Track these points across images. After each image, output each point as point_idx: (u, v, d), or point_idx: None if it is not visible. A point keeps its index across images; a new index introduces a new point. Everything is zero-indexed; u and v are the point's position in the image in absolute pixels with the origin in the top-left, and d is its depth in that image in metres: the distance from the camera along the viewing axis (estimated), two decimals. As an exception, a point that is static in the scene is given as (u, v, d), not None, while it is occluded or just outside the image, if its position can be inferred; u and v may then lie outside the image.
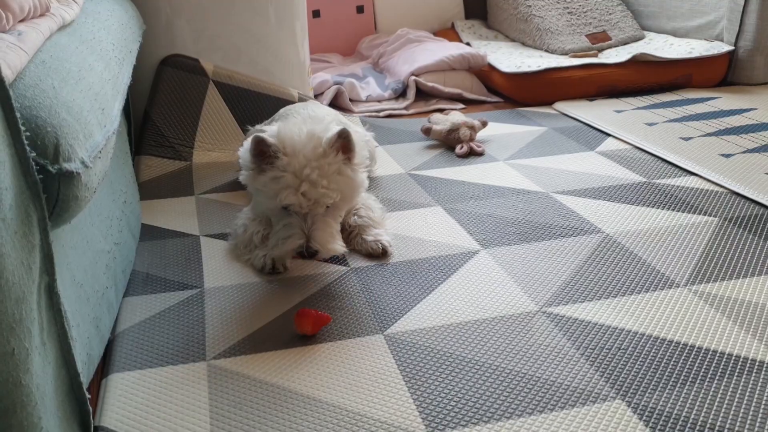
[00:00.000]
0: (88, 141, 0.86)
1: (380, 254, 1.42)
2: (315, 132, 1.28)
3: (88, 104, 0.92)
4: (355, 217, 1.47)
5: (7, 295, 0.66)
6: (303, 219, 1.27)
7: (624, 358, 1.08)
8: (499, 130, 2.25)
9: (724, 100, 2.49)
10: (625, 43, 2.94)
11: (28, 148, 0.72)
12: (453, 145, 2.08)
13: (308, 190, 1.24)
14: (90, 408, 0.90)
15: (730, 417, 0.95)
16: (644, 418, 0.95)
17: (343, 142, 1.28)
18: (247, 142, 1.30)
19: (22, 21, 0.98)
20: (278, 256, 1.33)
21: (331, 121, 1.38)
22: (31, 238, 0.73)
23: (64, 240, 0.94)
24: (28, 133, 0.74)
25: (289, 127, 1.30)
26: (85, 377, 0.97)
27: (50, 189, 0.77)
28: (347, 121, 1.79)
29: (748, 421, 0.94)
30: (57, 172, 0.76)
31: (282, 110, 1.72)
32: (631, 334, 1.15)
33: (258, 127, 1.81)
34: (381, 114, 2.51)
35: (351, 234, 1.45)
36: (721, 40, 2.74)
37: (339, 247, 1.30)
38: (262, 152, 1.26)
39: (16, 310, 0.68)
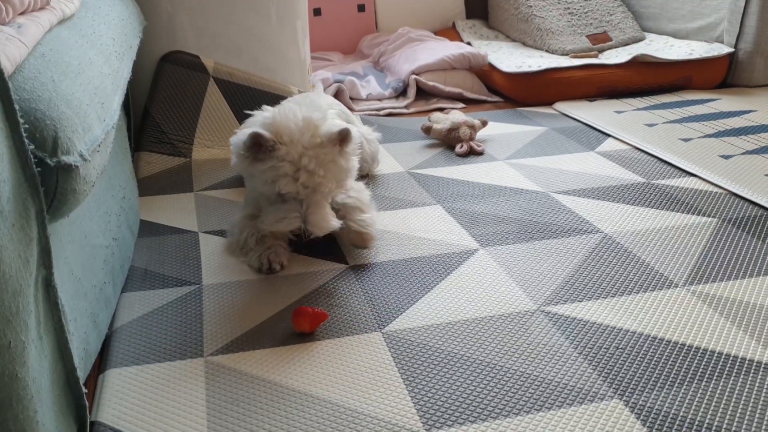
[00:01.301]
0: (87, 134, 0.85)
1: (363, 245, 1.42)
2: (312, 120, 1.28)
3: (88, 98, 0.92)
4: (344, 195, 1.43)
5: (3, 288, 0.65)
6: (299, 203, 1.28)
7: (622, 358, 1.08)
8: (499, 130, 2.25)
9: (723, 102, 2.49)
10: (625, 44, 2.94)
11: (26, 141, 0.72)
12: (453, 144, 2.08)
13: (306, 179, 1.25)
14: (86, 403, 0.90)
15: (728, 417, 0.95)
16: (642, 417, 0.95)
17: (341, 138, 1.28)
18: (243, 132, 1.30)
19: (22, 14, 0.98)
20: (273, 232, 1.34)
21: (328, 108, 1.38)
22: (28, 230, 0.73)
23: (62, 234, 0.94)
24: (26, 126, 0.73)
25: (285, 114, 1.29)
26: (82, 372, 0.97)
27: (48, 182, 0.76)
28: (351, 114, 1.77)
29: (745, 421, 0.94)
30: (55, 165, 0.76)
31: (283, 103, 1.69)
32: (629, 333, 1.14)
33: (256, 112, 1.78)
34: (381, 112, 2.51)
35: (338, 213, 1.40)
36: (722, 42, 2.74)
37: (334, 223, 1.32)
38: (258, 144, 1.26)
39: (12, 302, 0.67)
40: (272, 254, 1.37)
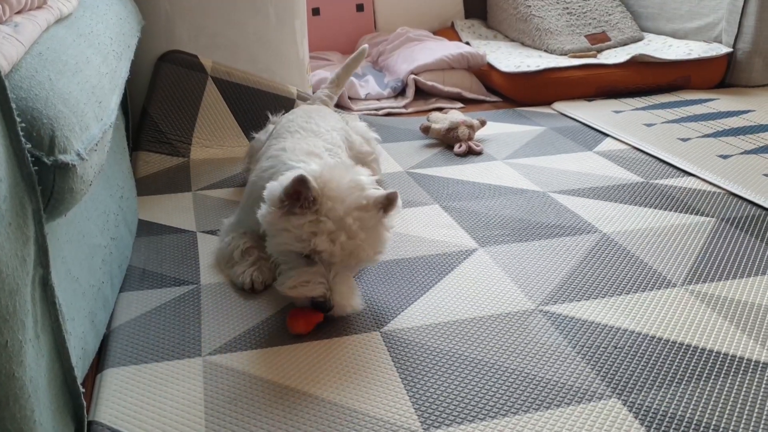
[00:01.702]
0: (85, 133, 0.85)
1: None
2: (360, 181, 1.19)
3: (85, 97, 0.92)
4: None
5: (0, 287, 0.65)
6: (327, 269, 1.15)
7: (620, 357, 1.08)
8: (498, 130, 2.25)
9: (722, 102, 2.49)
10: (624, 43, 2.94)
11: (23, 140, 0.71)
12: (452, 143, 2.08)
13: (345, 242, 1.13)
14: (84, 402, 0.90)
15: (725, 416, 0.95)
16: (640, 416, 0.95)
17: (387, 202, 1.18)
18: (283, 179, 1.19)
19: (18, 12, 0.98)
20: (295, 298, 1.19)
21: (377, 169, 1.29)
22: (25, 230, 0.73)
23: (59, 233, 0.94)
24: (23, 125, 0.73)
25: (332, 171, 1.19)
26: (80, 371, 0.97)
27: (45, 181, 0.76)
28: (352, 133, 1.73)
29: (743, 421, 0.94)
30: (52, 163, 0.76)
31: (284, 121, 1.61)
32: (627, 332, 1.14)
33: (260, 136, 1.76)
34: (380, 112, 2.51)
35: None
36: (720, 42, 2.74)
37: (357, 303, 1.19)
38: (298, 193, 1.14)
39: (9, 302, 0.67)
40: (255, 272, 1.30)
